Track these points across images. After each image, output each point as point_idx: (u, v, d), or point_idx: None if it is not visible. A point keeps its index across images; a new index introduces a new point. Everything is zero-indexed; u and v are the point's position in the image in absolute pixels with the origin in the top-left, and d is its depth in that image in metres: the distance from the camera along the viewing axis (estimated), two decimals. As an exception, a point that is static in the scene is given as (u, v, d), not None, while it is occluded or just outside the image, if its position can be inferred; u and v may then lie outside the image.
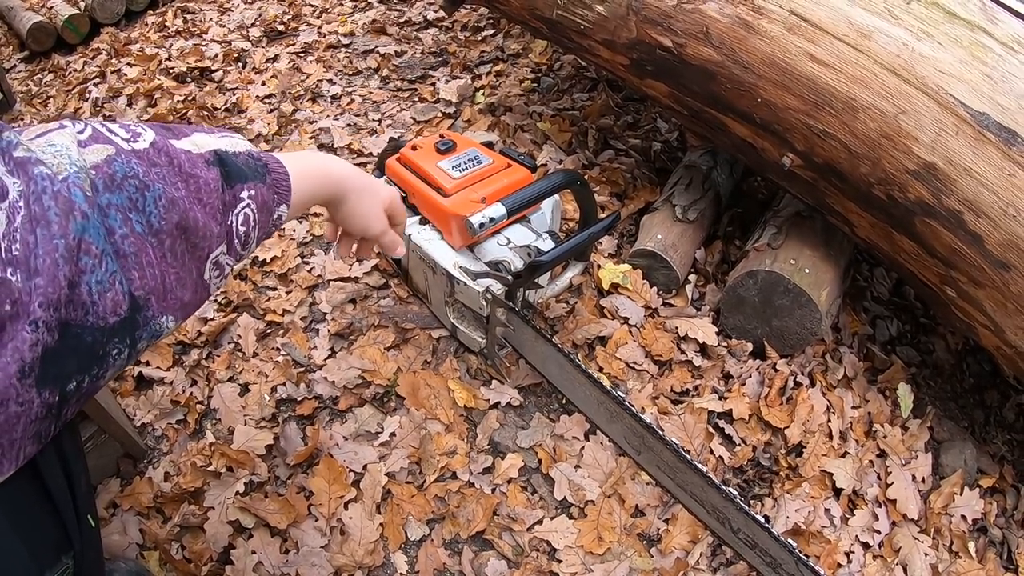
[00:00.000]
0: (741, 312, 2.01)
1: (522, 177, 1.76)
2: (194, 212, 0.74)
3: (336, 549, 1.57)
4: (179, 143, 0.78)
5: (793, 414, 1.89)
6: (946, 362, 2.30)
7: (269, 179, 0.89)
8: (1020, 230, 1.55)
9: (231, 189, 0.81)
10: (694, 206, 2.17)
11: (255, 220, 0.86)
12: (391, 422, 1.76)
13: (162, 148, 0.74)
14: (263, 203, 0.87)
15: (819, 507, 1.79)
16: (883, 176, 1.65)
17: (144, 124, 0.77)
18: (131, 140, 0.72)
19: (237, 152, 0.85)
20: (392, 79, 3.01)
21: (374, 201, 1.16)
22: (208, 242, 0.78)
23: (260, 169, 0.87)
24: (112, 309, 0.65)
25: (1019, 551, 1.95)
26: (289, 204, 0.93)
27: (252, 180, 0.85)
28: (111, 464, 1.69)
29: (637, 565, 1.63)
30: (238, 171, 0.83)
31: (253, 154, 0.88)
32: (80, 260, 0.61)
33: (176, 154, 0.75)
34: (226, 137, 0.86)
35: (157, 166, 0.72)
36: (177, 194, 0.72)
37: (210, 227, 0.77)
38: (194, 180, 0.75)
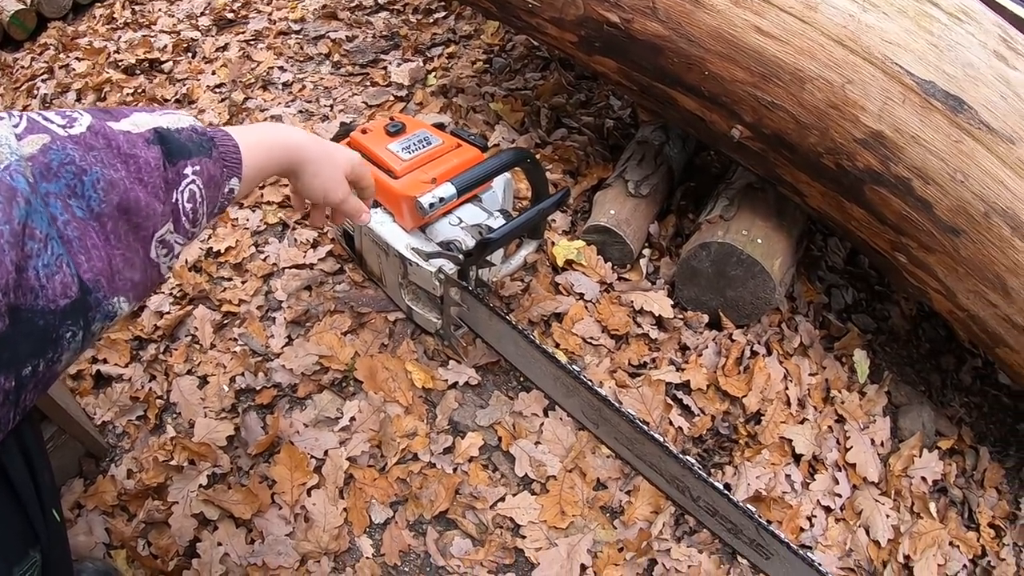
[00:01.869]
0: (696, 284, 2.02)
1: (472, 157, 1.76)
2: (135, 192, 0.73)
3: (301, 536, 1.57)
4: (117, 124, 0.77)
5: (751, 383, 1.91)
6: (902, 328, 2.33)
7: (216, 153, 0.88)
8: (968, 195, 1.57)
9: (174, 166, 0.80)
10: (647, 181, 2.18)
11: (202, 196, 0.85)
12: (350, 407, 1.75)
13: (99, 131, 0.73)
14: (210, 178, 0.86)
15: (779, 473, 1.82)
16: (832, 146, 1.67)
17: (81, 109, 0.76)
18: (67, 126, 0.71)
19: (180, 128, 0.84)
20: (344, 64, 2.98)
21: (334, 168, 1.15)
22: (152, 221, 0.77)
23: (205, 143, 0.86)
24: (62, 292, 0.65)
25: (980, 510, 1.99)
26: (240, 176, 0.93)
27: (196, 155, 0.84)
28: (73, 464, 1.68)
29: (601, 537, 1.64)
30: (180, 147, 0.82)
31: (198, 129, 0.87)
32: (26, 245, 0.61)
33: (114, 136, 0.74)
34: (168, 114, 0.85)
35: (95, 149, 0.71)
36: (116, 176, 0.71)
37: (153, 206, 0.76)
38: (134, 160, 0.75)
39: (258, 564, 1.52)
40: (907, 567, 1.83)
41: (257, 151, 0.97)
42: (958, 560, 1.90)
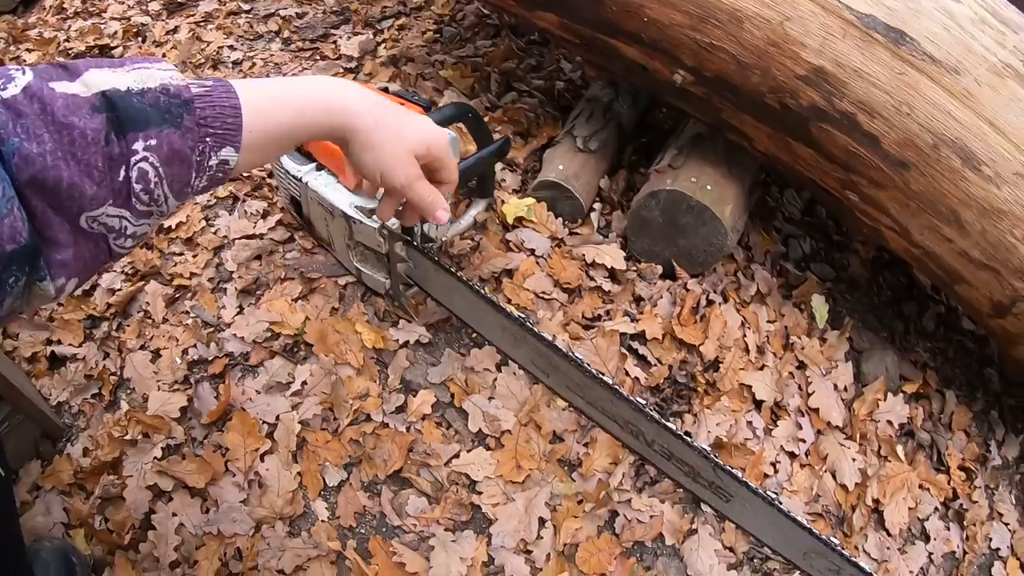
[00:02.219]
0: (647, 235, 2.01)
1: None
2: (57, 170, 0.64)
3: (256, 502, 1.56)
4: (62, 86, 0.66)
5: (707, 331, 1.90)
6: (862, 276, 2.33)
7: (188, 120, 0.72)
8: (915, 127, 1.57)
9: (121, 140, 0.67)
10: (595, 136, 2.16)
11: (160, 174, 0.71)
12: (302, 371, 1.73)
13: (35, 94, 0.64)
14: (172, 153, 0.71)
15: (740, 420, 1.82)
16: (774, 84, 1.66)
17: (39, 66, 0.67)
18: (1, 88, 0.63)
19: (145, 90, 0.70)
20: (294, 40, 2.95)
21: (396, 143, 0.94)
22: (77, 202, 0.66)
23: (175, 109, 0.71)
24: (10, 236, 0.60)
25: (949, 453, 1.99)
26: (238, 145, 0.77)
27: (155, 127, 0.69)
28: (30, 446, 1.67)
29: (559, 490, 1.63)
30: (134, 116, 0.68)
31: (171, 88, 0.72)
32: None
33: (51, 100, 0.65)
34: (139, 68, 0.72)
35: (23, 116, 0.63)
36: (36, 149, 0.62)
37: (80, 187, 0.65)
38: (68, 131, 0.64)
39: (213, 532, 1.51)
40: (877, 511, 1.84)
41: (274, 111, 0.81)
42: (929, 503, 1.90)
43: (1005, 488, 2.03)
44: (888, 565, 1.76)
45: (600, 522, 1.62)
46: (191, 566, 1.48)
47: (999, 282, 1.68)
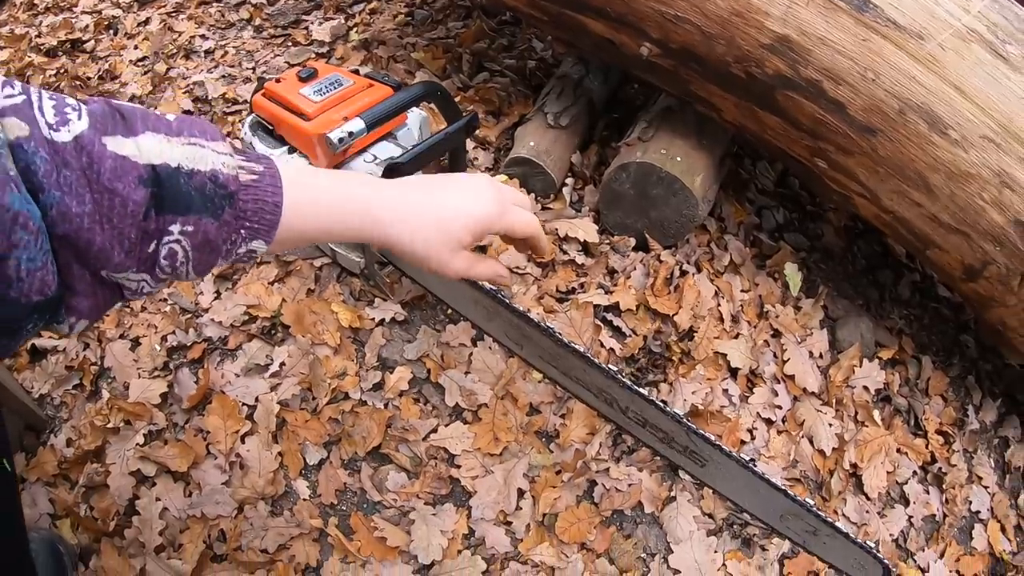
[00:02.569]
0: (619, 208, 2.02)
1: (384, 94, 1.74)
2: (91, 234, 0.61)
3: (238, 484, 1.57)
4: (115, 143, 0.63)
5: (681, 301, 1.91)
6: (836, 246, 2.35)
7: (229, 213, 0.69)
8: (881, 93, 1.58)
9: (159, 217, 0.65)
10: (566, 112, 2.17)
11: (188, 257, 0.68)
12: (280, 352, 1.74)
13: (86, 146, 0.61)
14: (204, 241, 0.68)
15: (716, 388, 1.83)
16: (739, 54, 1.67)
17: (91, 106, 0.64)
18: (55, 126, 0.60)
19: (194, 171, 0.66)
20: (265, 27, 2.95)
21: (436, 247, 0.86)
22: (102, 264, 0.64)
23: (219, 199, 0.68)
24: (39, 288, 0.58)
25: (926, 417, 2.01)
26: (270, 240, 0.74)
27: (195, 214, 0.67)
28: (14, 440, 1.66)
29: (537, 462, 1.65)
30: (178, 199, 0.66)
31: (219, 178, 0.68)
32: (14, 234, 0.54)
33: (101, 159, 0.61)
34: (192, 145, 0.67)
35: (68, 168, 0.60)
36: (76, 209, 0.60)
37: (108, 253, 0.63)
38: (109, 196, 0.61)
39: (197, 515, 1.53)
40: (855, 475, 1.85)
41: (313, 214, 0.77)
42: (907, 467, 1.92)
43: (983, 452, 2.05)
44: (868, 528, 1.78)
45: (579, 492, 1.64)
46: (176, 549, 1.49)
47: (970, 246, 1.70)
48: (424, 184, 0.89)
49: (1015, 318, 1.80)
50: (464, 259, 0.89)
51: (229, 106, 2.52)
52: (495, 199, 0.92)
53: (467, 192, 0.90)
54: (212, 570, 1.47)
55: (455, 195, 0.89)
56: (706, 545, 1.63)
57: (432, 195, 0.87)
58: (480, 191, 0.91)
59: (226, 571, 1.47)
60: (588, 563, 1.56)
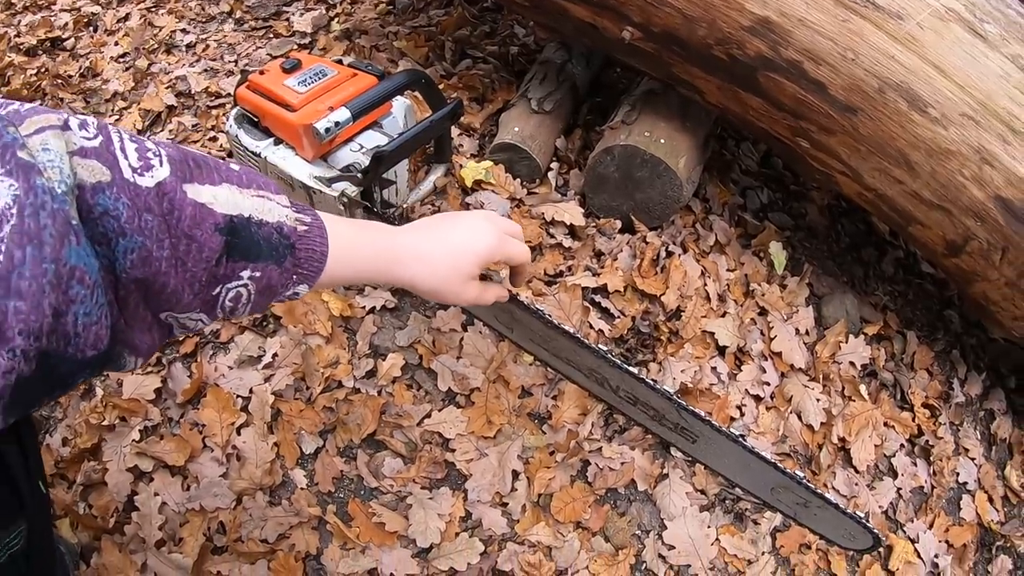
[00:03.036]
0: (604, 191, 2.04)
1: (368, 84, 1.75)
2: (167, 277, 0.64)
3: (235, 475, 1.57)
4: (194, 190, 0.67)
5: (668, 281, 1.93)
6: (820, 224, 2.37)
7: (289, 261, 0.76)
8: (861, 73, 1.60)
9: (230, 263, 0.69)
10: (550, 97, 2.19)
11: (250, 299, 0.74)
12: (272, 343, 1.75)
13: (168, 193, 0.64)
14: (268, 286, 0.75)
15: (705, 366, 1.85)
16: (721, 36, 1.68)
17: (169, 151, 0.67)
18: (139, 171, 0.63)
19: (263, 222, 0.72)
20: (246, 20, 2.94)
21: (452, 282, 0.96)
22: (169, 305, 0.67)
23: (283, 248, 0.74)
24: (94, 343, 0.58)
25: (912, 391, 2.04)
26: (313, 284, 0.81)
27: (263, 260, 0.72)
28: (9, 442, 1.66)
29: (530, 443, 1.67)
30: (249, 247, 0.71)
31: (285, 228, 0.75)
32: (71, 289, 0.54)
33: (182, 206, 0.65)
34: (260, 197, 0.74)
35: (151, 213, 0.62)
36: (156, 253, 0.62)
37: (180, 295, 0.67)
38: (187, 242, 0.65)
39: (196, 508, 1.53)
40: (843, 449, 1.88)
41: (348, 262, 0.84)
42: (895, 440, 1.95)
43: (969, 424, 2.08)
44: (857, 501, 1.81)
45: (573, 471, 1.66)
46: (176, 543, 1.49)
47: (951, 221, 1.72)
48: (434, 226, 0.97)
49: (997, 292, 1.82)
50: (474, 288, 0.99)
51: (212, 100, 2.51)
52: (495, 233, 1.00)
53: (471, 230, 0.98)
54: (213, 562, 1.48)
55: (462, 234, 0.97)
56: (699, 520, 1.65)
57: (443, 237, 0.96)
58: (482, 227, 0.99)
59: (227, 563, 1.48)
60: (584, 541, 1.59)
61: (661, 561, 1.61)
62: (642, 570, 1.60)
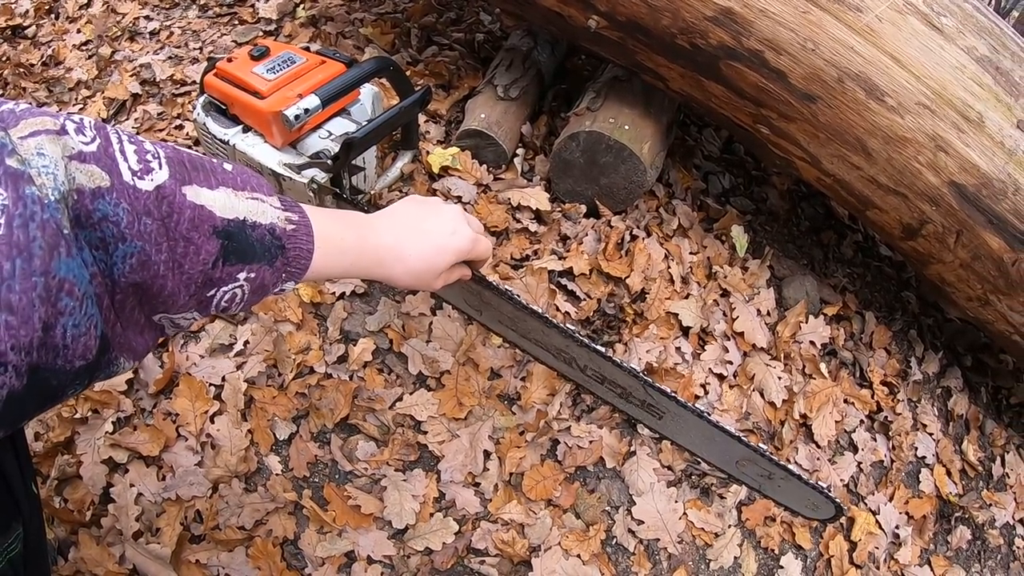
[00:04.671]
0: (570, 176, 2.07)
1: (336, 71, 1.76)
2: (164, 280, 0.65)
3: (210, 464, 1.58)
4: (193, 192, 0.67)
5: (632, 264, 1.97)
6: (780, 209, 2.42)
7: (280, 260, 0.77)
8: (820, 62, 1.64)
9: (227, 267, 0.70)
10: (515, 84, 2.21)
11: (243, 298, 0.75)
12: (243, 331, 1.76)
13: (167, 196, 0.64)
14: (261, 285, 0.76)
15: (669, 346, 1.89)
16: (684, 25, 1.71)
17: (169, 153, 0.67)
18: (139, 175, 0.63)
19: (256, 224, 0.73)
20: (211, 6, 2.92)
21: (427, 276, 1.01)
22: (165, 307, 0.68)
23: (274, 250, 0.76)
24: (82, 354, 0.58)
25: (871, 369, 2.10)
26: (299, 280, 0.82)
27: (257, 262, 0.74)
28: (-22, 439, 1.65)
29: (501, 424, 1.70)
30: (245, 250, 0.72)
31: (277, 230, 0.76)
32: (59, 301, 0.54)
33: (181, 208, 0.65)
34: (256, 200, 0.74)
35: (150, 217, 0.62)
36: (155, 257, 0.63)
37: (176, 296, 0.67)
38: (184, 244, 0.65)
39: (172, 498, 1.54)
40: (805, 425, 1.93)
41: (334, 261, 0.87)
42: (855, 416, 2.01)
43: (927, 401, 2.15)
44: (819, 475, 1.87)
45: (543, 451, 1.70)
46: (154, 534, 1.50)
47: (907, 206, 1.78)
48: (413, 222, 1.00)
49: (953, 274, 1.88)
50: (442, 279, 1.05)
51: (178, 87, 2.50)
52: (469, 236, 1.05)
53: (449, 233, 1.03)
54: (191, 551, 1.49)
55: (440, 236, 1.01)
56: (667, 496, 1.70)
57: (422, 238, 0.99)
58: (459, 230, 1.04)
59: (205, 551, 1.49)
60: (555, 518, 1.63)
61: (631, 536, 1.65)
62: (613, 545, 1.64)
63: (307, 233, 0.80)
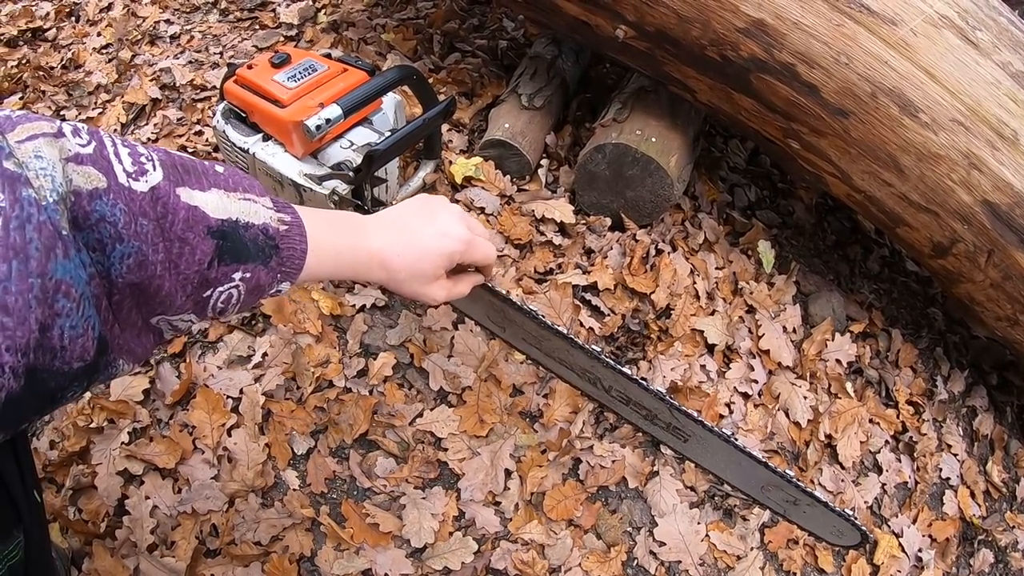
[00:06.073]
0: (595, 188, 2.05)
1: (359, 79, 1.74)
2: (161, 280, 0.65)
3: (227, 477, 1.56)
4: (187, 193, 0.68)
5: (657, 279, 1.94)
6: (806, 222, 2.38)
7: (275, 260, 0.78)
8: (854, 77, 1.61)
9: (222, 267, 0.71)
10: (540, 93, 2.18)
11: (239, 299, 0.76)
12: (262, 343, 1.73)
13: (162, 197, 0.65)
14: (256, 286, 0.77)
15: (694, 364, 1.86)
16: (714, 37, 1.69)
17: (162, 156, 0.69)
18: (133, 176, 0.64)
19: (250, 224, 0.74)
20: (231, 11, 2.91)
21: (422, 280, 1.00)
22: (163, 308, 0.69)
23: (268, 249, 0.76)
24: (80, 355, 0.59)
25: (897, 388, 2.06)
26: (294, 280, 0.83)
27: (252, 262, 0.75)
28: (-4, 446, 1.64)
29: (522, 442, 1.67)
30: (239, 250, 0.73)
31: (270, 229, 0.77)
32: (56, 303, 0.55)
33: (176, 209, 0.66)
34: (247, 200, 0.75)
35: (146, 217, 0.63)
36: (152, 258, 0.64)
37: (173, 297, 0.68)
38: (180, 245, 0.66)
39: (188, 511, 1.51)
40: (830, 446, 1.90)
41: (326, 258, 0.87)
42: (880, 436, 1.97)
43: (952, 421, 2.11)
44: (843, 496, 1.83)
45: (564, 470, 1.67)
46: (169, 547, 1.48)
47: (939, 224, 1.74)
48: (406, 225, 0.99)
49: (982, 293, 1.85)
50: (442, 287, 1.03)
51: (198, 92, 2.48)
52: (463, 238, 1.02)
53: (441, 234, 1.00)
54: (206, 566, 1.46)
55: (431, 237, 0.99)
56: (689, 517, 1.66)
57: (412, 241, 0.97)
58: (453, 231, 1.01)
59: (220, 566, 1.47)
60: (576, 539, 1.59)
61: (652, 558, 1.62)
62: (634, 567, 1.61)
63: (300, 233, 0.81)
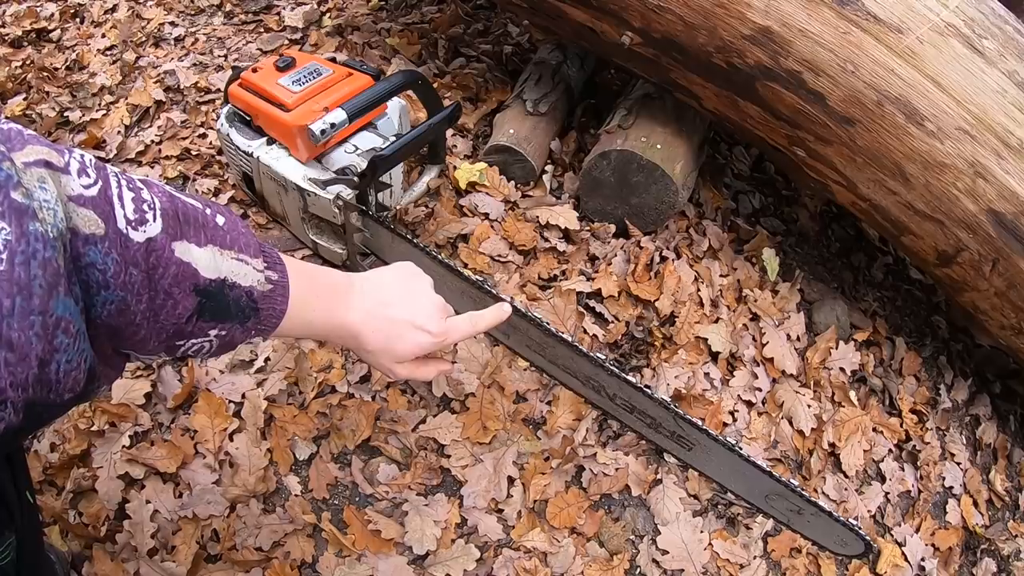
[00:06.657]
0: (599, 195, 2.04)
1: (363, 84, 1.74)
2: (138, 328, 0.66)
3: (228, 482, 1.55)
4: (182, 248, 0.68)
5: (662, 287, 1.94)
6: (811, 229, 2.38)
7: (252, 321, 0.78)
8: (860, 85, 1.60)
9: (200, 322, 0.72)
10: (545, 99, 2.18)
11: (210, 351, 0.78)
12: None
13: (157, 250, 0.65)
14: (229, 342, 0.78)
15: (698, 372, 1.86)
16: (721, 44, 1.68)
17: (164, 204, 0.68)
18: (133, 225, 0.63)
19: (235, 285, 0.74)
20: (236, 13, 2.91)
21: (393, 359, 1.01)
22: (134, 347, 0.70)
23: (248, 311, 0.77)
24: (71, 387, 0.59)
25: (900, 397, 2.06)
26: (267, 337, 0.85)
27: (231, 321, 0.75)
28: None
29: (525, 449, 1.66)
30: (220, 310, 0.73)
31: (254, 293, 0.77)
32: (56, 339, 0.55)
33: (168, 264, 0.66)
34: (239, 262, 0.75)
35: (136, 268, 0.63)
36: (134, 307, 0.64)
37: (147, 343, 0.69)
38: (164, 298, 0.67)
39: (189, 516, 1.50)
40: (833, 454, 1.90)
41: (299, 321, 0.87)
42: (883, 445, 1.97)
43: (956, 429, 2.10)
44: (847, 505, 1.82)
45: (567, 477, 1.66)
46: (170, 552, 1.47)
47: (944, 233, 1.73)
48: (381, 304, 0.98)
49: (987, 302, 1.84)
50: (405, 367, 1.03)
51: (202, 95, 2.48)
52: (438, 333, 1.02)
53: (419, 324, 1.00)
54: (207, 570, 1.46)
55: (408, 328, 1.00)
56: (692, 525, 1.66)
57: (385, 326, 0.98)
58: (430, 323, 1.01)
59: (221, 571, 1.46)
60: (579, 547, 1.59)
61: (655, 566, 1.61)
62: (636, 575, 1.61)
63: (283, 295, 0.82)
